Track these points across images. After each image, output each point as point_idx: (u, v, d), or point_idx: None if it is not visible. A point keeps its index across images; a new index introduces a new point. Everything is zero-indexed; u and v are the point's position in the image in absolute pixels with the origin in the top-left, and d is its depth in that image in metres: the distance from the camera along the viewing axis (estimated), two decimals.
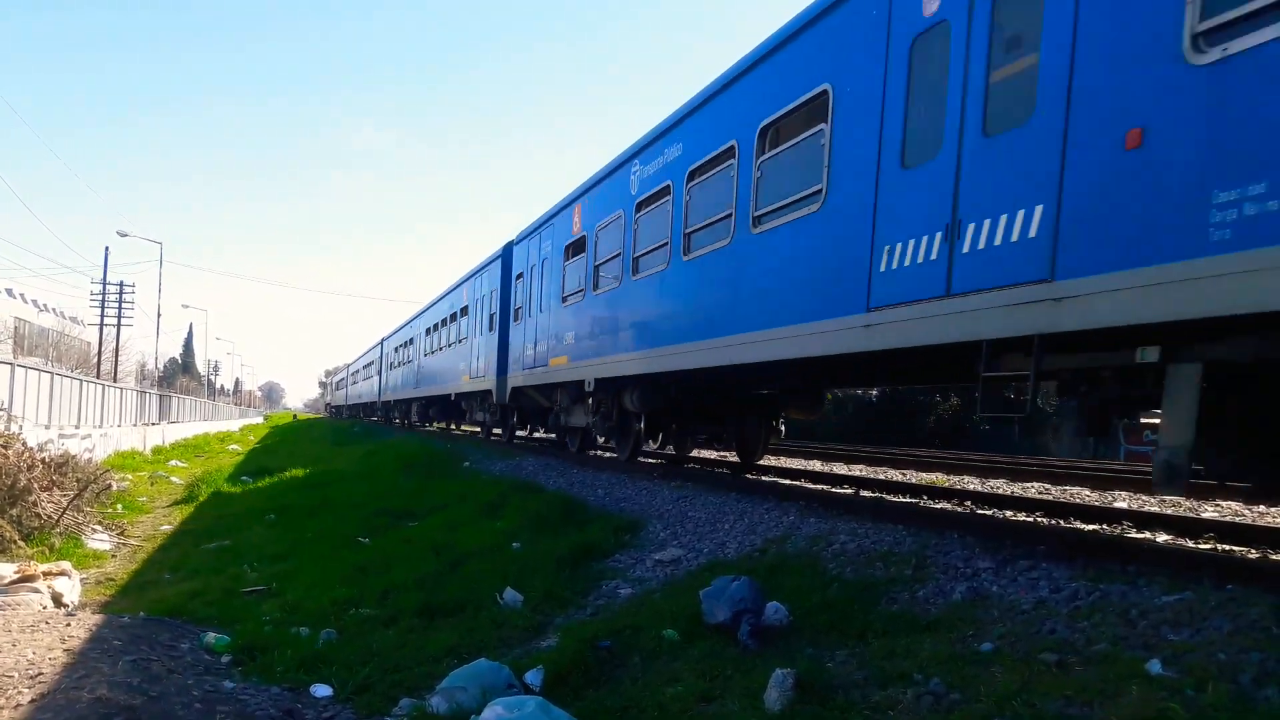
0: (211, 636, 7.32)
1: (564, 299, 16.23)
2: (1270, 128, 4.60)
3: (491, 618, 7.37)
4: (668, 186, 11.78)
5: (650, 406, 13.77)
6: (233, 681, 6.12)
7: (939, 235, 6.76)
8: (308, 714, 5.59)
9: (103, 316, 62.83)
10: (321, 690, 6.04)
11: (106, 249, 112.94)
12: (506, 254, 20.89)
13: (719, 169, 10.36)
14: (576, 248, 15.70)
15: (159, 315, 63.21)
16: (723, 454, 17.32)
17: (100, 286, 62.27)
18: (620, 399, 14.36)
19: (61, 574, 9.32)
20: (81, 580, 9.97)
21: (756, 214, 9.47)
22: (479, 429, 28.58)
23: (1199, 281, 4.85)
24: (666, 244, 11.72)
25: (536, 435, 25.24)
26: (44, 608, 8.35)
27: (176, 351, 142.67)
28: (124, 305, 63.92)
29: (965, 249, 6.50)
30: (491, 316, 21.58)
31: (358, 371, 65.63)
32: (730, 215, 9.99)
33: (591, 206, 15.03)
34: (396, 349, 42.16)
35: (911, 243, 7.06)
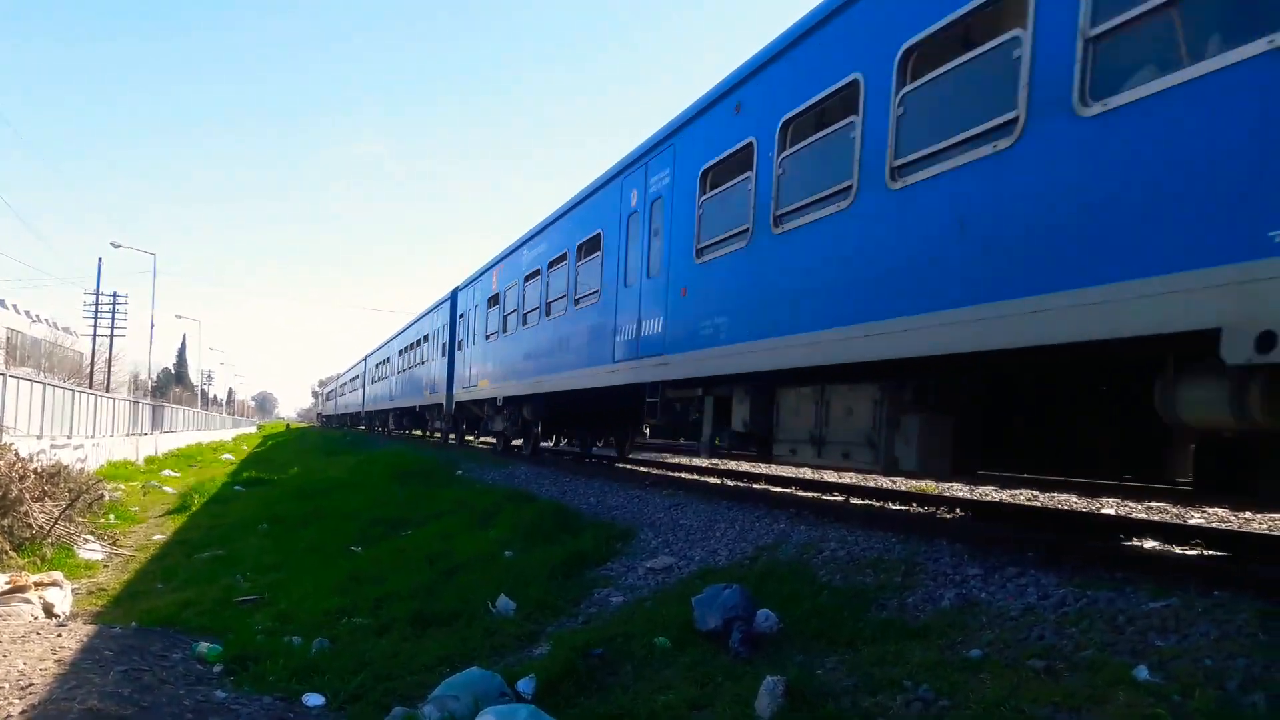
0: (204, 646, 7.32)
1: (487, 336, 21.42)
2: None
3: (484, 626, 7.38)
4: (537, 270, 17.28)
5: (540, 416, 18.72)
6: (225, 691, 6.12)
7: (633, 328, 12.32)
8: None
9: (95, 327, 62.64)
10: (314, 699, 6.04)
11: (100, 260, 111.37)
12: (453, 297, 26.29)
13: (561, 264, 15.94)
14: (493, 300, 21.06)
15: (152, 326, 63.27)
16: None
17: (93, 297, 62.11)
18: (521, 410, 19.32)
19: (53, 584, 9.30)
20: (73, 590, 9.94)
21: (576, 296, 14.98)
22: (439, 435, 34.08)
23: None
24: (539, 307, 17.02)
25: (484, 439, 29.60)
26: (35, 618, 8.34)
27: (170, 362, 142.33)
28: (117, 316, 63.75)
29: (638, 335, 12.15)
30: (443, 345, 26.84)
31: (345, 384, 71.75)
32: (564, 296, 15.54)
33: (503, 272, 20.46)
34: (377, 365, 48.00)
35: (631, 328, 12.38)
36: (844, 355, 7.46)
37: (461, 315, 24.92)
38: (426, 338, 30.53)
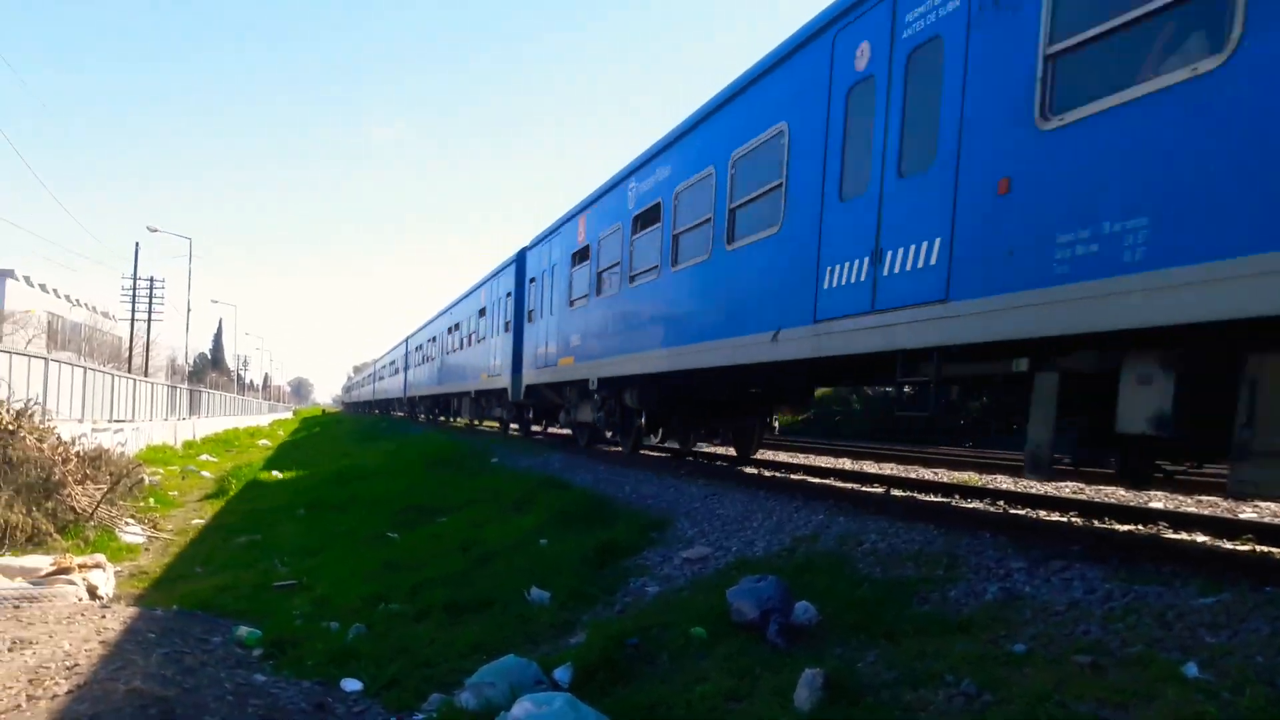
0: (243, 630, 7.39)
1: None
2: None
3: (519, 614, 7.39)
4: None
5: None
6: (264, 675, 6.18)
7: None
8: (338, 708, 5.63)
9: (133, 312, 63.49)
10: (351, 684, 6.08)
11: (137, 245, 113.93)
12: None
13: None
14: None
15: (189, 310, 63.96)
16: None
17: (131, 282, 62.99)
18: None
19: (96, 566, 9.44)
20: (115, 573, 10.10)
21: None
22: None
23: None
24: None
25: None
26: (79, 600, 8.47)
27: (206, 346, 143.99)
28: (154, 300, 64.58)
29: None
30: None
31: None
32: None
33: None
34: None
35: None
36: None
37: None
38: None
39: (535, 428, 26.24)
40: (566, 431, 22.54)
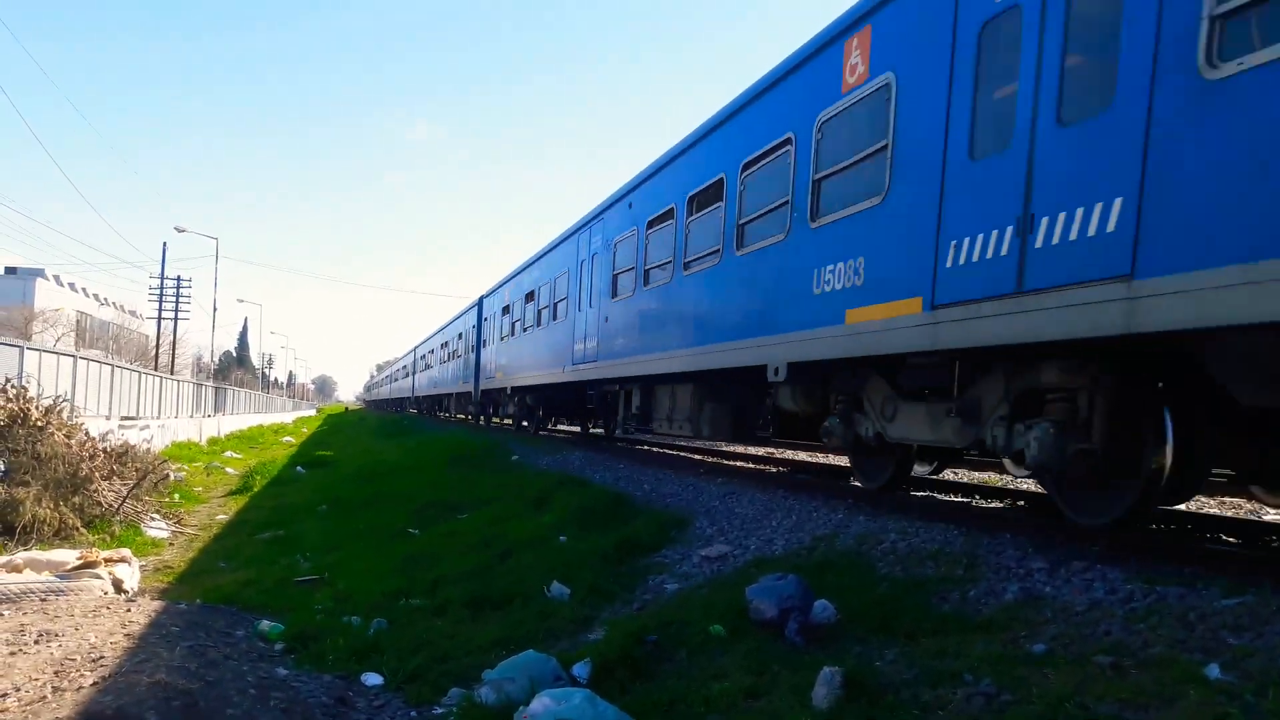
0: (266, 624, 7.46)
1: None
2: None
3: (539, 610, 7.42)
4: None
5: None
6: (286, 669, 6.23)
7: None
8: (359, 702, 5.68)
9: (160, 310, 64.05)
10: (372, 679, 6.13)
11: (164, 244, 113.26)
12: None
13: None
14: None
15: (215, 309, 64.22)
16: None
17: (158, 281, 63.57)
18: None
19: (122, 561, 9.54)
20: (140, 567, 10.20)
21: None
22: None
23: None
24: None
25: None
26: (105, 593, 8.57)
27: (231, 345, 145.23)
28: (181, 299, 65.11)
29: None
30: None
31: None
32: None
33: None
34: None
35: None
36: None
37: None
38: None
39: (495, 419, 34.94)
40: (576, 428, 27.64)
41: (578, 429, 26.18)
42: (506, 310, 26.09)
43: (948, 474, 13.52)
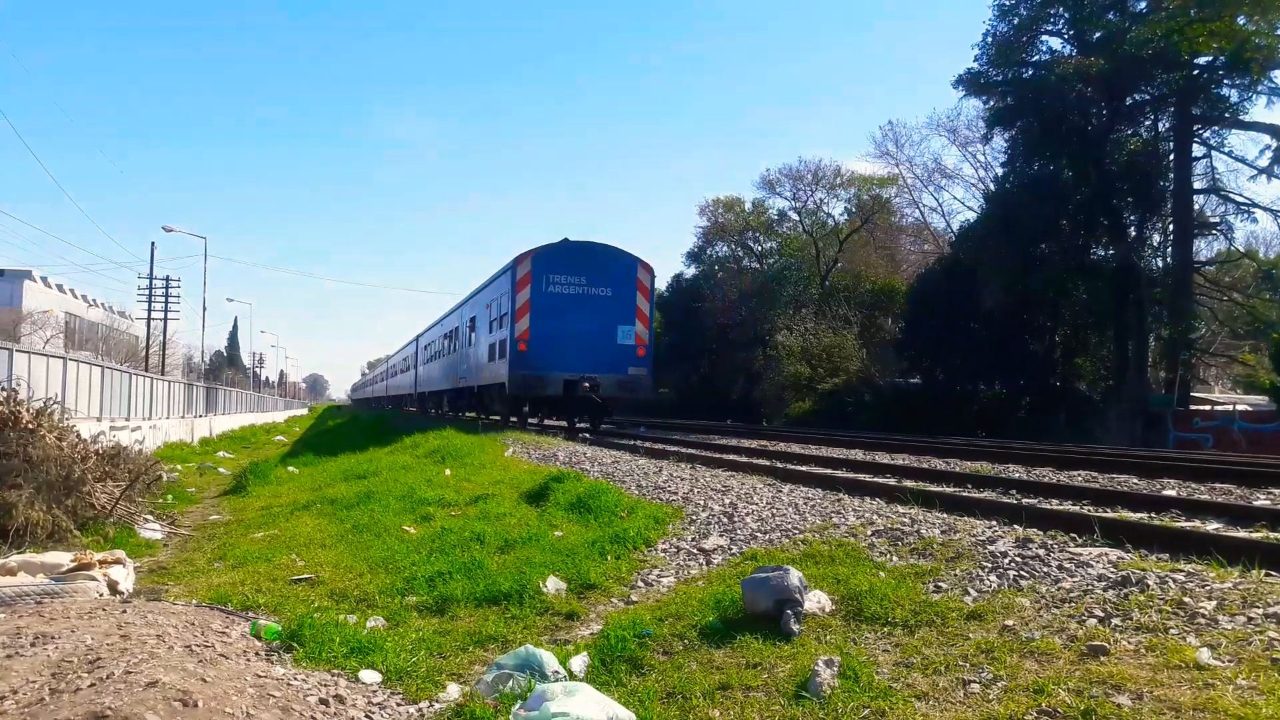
0: (262, 623, 7.45)
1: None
2: None
3: (535, 605, 7.43)
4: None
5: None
6: (283, 667, 6.24)
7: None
8: (357, 699, 5.68)
9: (150, 311, 63.97)
10: (370, 676, 6.13)
11: (153, 244, 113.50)
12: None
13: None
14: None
15: (204, 309, 64.58)
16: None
17: (147, 281, 63.43)
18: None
19: (116, 562, 9.51)
20: (135, 568, 10.17)
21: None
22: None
23: None
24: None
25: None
26: (100, 595, 8.55)
27: (222, 344, 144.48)
28: (170, 299, 65.05)
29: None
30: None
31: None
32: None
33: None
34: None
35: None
36: None
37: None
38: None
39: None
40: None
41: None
42: (426, 347, 45.63)
43: (939, 464, 13.58)
